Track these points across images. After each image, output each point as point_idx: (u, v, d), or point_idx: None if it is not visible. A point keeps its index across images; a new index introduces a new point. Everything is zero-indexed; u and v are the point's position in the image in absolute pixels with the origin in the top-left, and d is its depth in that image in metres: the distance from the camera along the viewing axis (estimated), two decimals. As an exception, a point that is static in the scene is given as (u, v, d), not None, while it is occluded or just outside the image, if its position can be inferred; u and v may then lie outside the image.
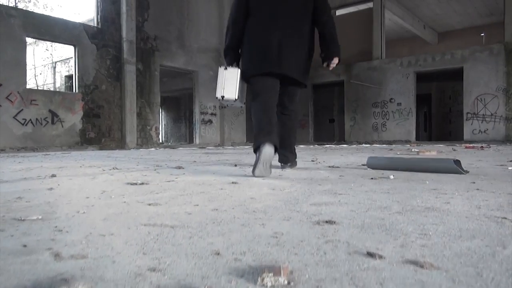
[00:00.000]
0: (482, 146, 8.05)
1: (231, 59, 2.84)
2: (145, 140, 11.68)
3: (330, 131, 17.62)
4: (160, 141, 22.05)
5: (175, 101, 21.84)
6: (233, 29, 2.77)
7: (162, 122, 22.98)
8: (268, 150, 2.34)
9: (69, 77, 14.37)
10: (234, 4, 2.76)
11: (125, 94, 11.03)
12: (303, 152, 6.28)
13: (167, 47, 12.43)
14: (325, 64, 2.94)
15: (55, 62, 16.28)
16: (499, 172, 2.41)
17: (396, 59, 15.04)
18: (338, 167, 2.98)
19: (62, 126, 9.80)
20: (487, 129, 12.79)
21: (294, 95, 3.01)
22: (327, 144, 14.18)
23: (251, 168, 2.43)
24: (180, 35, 12.91)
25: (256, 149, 2.41)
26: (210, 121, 13.95)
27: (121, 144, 10.99)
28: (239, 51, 2.82)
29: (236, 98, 2.78)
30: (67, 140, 9.87)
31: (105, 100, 10.76)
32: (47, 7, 14.54)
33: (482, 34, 19.50)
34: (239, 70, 2.76)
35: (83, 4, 14.02)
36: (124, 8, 11.00)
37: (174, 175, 2.46)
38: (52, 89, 16.75)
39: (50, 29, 9.64)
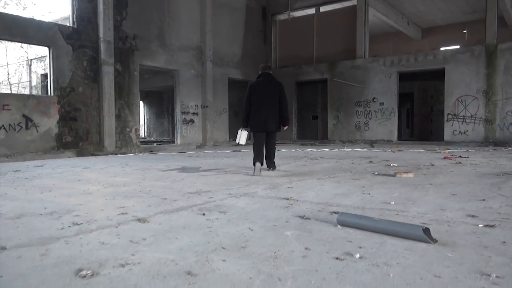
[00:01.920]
0: (460, 156, 8.10)
1: (245, 125, 5.88)
2: (125, 142, 11.44)
3: (313, 128, 17.60)
4: (143, 136, 21.78)
5: (157, 96, 21.49)
6: (245, 112, 5.79)
7: (144, 116, 22.65)
8: (258, 165, 5.39)
9: (45, 76, 13.90)
10: (245, 100, 5.79)
11: (103, 96, 10.74)
12: (283, 166, 6.21)
13: (146, 46, 12.12)
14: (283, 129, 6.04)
15: (31, 60, 15.74)
16: (469, 237, 2.38)
17: (379, 58, 15.00)
18: (308, 218, 2.90)
19: (37, 131, 9.50)
20: (467, 130, 12.93)
21: (273, 137, 5.96)
22: (310, 144, 14.17)
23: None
24: (160, 33, 12.59)
25: (254, 163, 5.44)
26: (192, 121, 13.75)
27: (99, 147, 10.74)
28: (248, 121, 5.82)
29: (244, 144, 6.13)
30: (42, 145, 9.59)
31: (82, 102, 10.46)
32: (19, 4, 13.90)
33: (465, 31, 19.64)
34: (248, 130, 5.93)
35: (57, 2, 13.52)
36: (101, 6, 10.63)
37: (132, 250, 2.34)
38: (27, 88, 16.23)
39: (22, 30, 9.27)
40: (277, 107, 5.71)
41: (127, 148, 11.42)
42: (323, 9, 16.62)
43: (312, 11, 16.85)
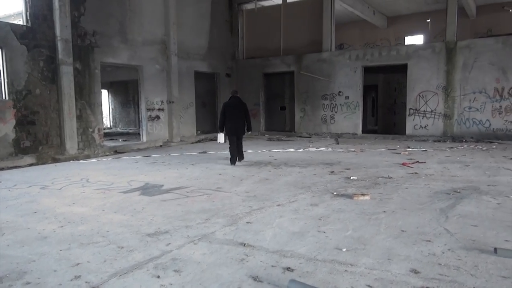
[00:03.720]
0: (418, 161, 8.42)
1: (221, 130, 8.64)
2: (87, 143, 11.15)
3: (281, 119, 17.68)
4: (109, 126, 21.23)
5: (123, 85, 20.89)
6: (221, 122, 8.53)
7: (109, 106, 22.04)
8: (233, 161, 8.45)
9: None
10: (221, 114, 8.54)
11: (62, 98, 10.34)
12: (245, 183, 6.28)
13: (107, 42, 11.68)
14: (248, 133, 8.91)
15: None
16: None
17: (345, 51, 15.15)
18: (260, 281, 2.99)
19: (-8, 138, 9.10)
20: (427, 125, 13.39)
21: (241, 138, 8.58)
22: (277, 140, 14.29)
23: None
24: (122, 28, 12.14)
25: (230, 160, 8.41)
26: (158, 117, 13.51)
27: (60, 150, 10.42)
28: (224, 127, 8.51)
29: (224, 142, 8.81)
30: (-1, 152, 9.21)
31: (40, 105, 10.05)
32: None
33: (428, 20, 19.99)
34: (224, 133, 8.61)
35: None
36: (56, 3, 10.09)
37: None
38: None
39: (-29, 32, 8.72)
40: (243, 119, 8.55)
41: (90, 149, 11.15)
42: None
43: (279, 1, 16.66)
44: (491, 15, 18.88)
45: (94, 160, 9.88)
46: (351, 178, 6.78)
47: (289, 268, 3.14)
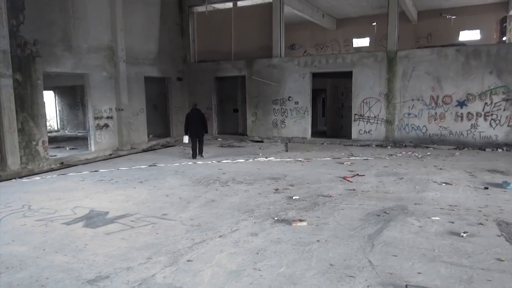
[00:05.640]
0: (358, 174, 8.96)
1: (186, 133, 11.65)
2: (31, 157, 10.78)
3: (234, 122, 17.89)
4: (57, 128, 20.36)
5: (69, 88, 20.13)
6: (186, 127, 11.63)
7: (56, 108, 21.20)
8: (194, 156, 11.68)
9: None
10: (185, 122, 11.66)
11: (1, 112, 9.90)
12: (188, 208, 6.46)
13: (50, 51, 11.27)
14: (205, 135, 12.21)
15: None
16: None
17: (294, 58, 15.56)
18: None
19: None
20: (371, 130, 14.13)
21: (201, 138, 11.73)
22: (228, 146, 14.49)
23: None
24: (65, 36, 11.74)
25: (192, 156, 11.68)
26: (107, 125, 13.25)
27: (1, 166, 10.01)
28: (188, 131, 11.59)
29: (188, 142, 11.78)
30: None
31: (-22, 120, 9.60)
32: None
33: (374, 24, 20.86)
34: (188, 135, 11.64)
35: None
36: (-8, 12, 9.62)
37: None
38: None
39: None
40: (201, 125, 11.68)
41: (35, 163, 10.81)
42: (240, 4, 16.56)
43: (230, 4, 16.71)
44: (431, 20, 20.04)
45: (37, 178, 9.59)
46: (294, 198, 7.13)
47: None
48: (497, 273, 4.13)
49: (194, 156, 11.65)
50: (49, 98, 20.78)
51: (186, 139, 11.75)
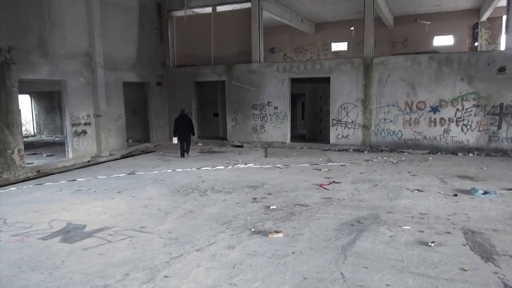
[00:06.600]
0: (334, 181, 9.17)
1: (175, 135, 13.24)
2: (6, 166, 10.60)
3: (215, 126, 17.95)
4: (33, 133, 19.97)
5: (46, 92, 19.78)
6: (174, 130, 13.24)
7: (32, 112, 20.80)
8: (182, 155, 13.17)
9: None
10: (174, 125, 13.30)
11: (-25, 121, 9.76)
12: (167, 220, 6.52)
13: (25, 58, 11.10)
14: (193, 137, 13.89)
15: None
16: None
17: (273, 64, 15.73)
18: None
19: None
20: (349, 135, 14.42)
21: (188, 141, 13.27)
22: (208, 152, 14.55)
23: None
24: (40, 42, 11.58)
25: (180, 154, 13.20)
26: (84, 132, 13.13)
27: (-25, 176, 9.85)
28: (176, 134, 13.19)
29: (176, 143, 13.35)
30: None
31: (-50, 130, 9.40)
32: None
33: (352, 28, 21.23)
34: (177, 137, 13.22)
35: None
36: (-36, 19, 9.44)
37: None
38: None
39: None
40: (188, 128, 13.11)
41: (10, 172, 10.64)
42: (220, 8, 16.62)
43: (209, 9, 16.75)
44: (407, 26, 20.55)
45: (13, 188, 9.45)
46: (271, 207, 7.27)
47: (197, 336, 3.48)
48: (460, 283, 4.35)
49: (182, 155, 13.19)
50: (25, 102, 20.39)
51: (175, 140, 13.29)
